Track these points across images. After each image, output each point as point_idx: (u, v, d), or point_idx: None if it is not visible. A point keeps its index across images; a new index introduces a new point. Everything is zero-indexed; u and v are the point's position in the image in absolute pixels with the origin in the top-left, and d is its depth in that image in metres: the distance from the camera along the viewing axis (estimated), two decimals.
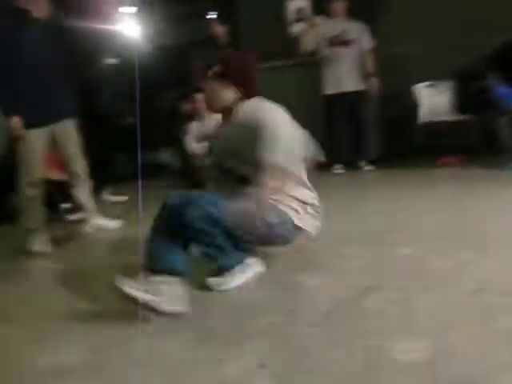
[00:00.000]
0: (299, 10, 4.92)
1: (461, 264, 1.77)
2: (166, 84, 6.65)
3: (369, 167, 4.50)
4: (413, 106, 4.69)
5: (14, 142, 2.82)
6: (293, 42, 4.59)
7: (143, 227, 1.86)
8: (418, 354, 1.17)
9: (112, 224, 3.23)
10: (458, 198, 3.00)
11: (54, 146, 2.95)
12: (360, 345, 1.25)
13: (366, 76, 4.40)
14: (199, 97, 4.50)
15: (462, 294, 1.50)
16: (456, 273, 1.70)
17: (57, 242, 2.93)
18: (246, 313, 1.57)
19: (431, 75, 4.63)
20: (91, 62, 5.20)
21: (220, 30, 5.13)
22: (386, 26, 4.76)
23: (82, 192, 3.09)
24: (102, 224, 3.19)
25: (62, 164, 3.99)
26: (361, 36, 4.38)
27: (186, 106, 4.97)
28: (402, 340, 1.25)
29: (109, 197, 4.34)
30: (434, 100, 4.64)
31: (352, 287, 1.65)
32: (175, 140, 5.02)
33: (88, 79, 5.30)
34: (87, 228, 3.16)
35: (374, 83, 4.40)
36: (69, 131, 2.95)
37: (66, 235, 3.21)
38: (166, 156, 5.84)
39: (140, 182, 4.17)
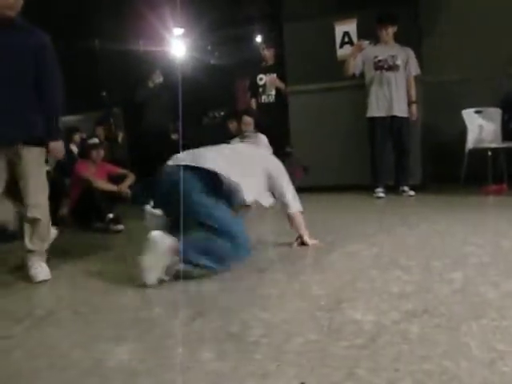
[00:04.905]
0: (346, 34, 4.98)
1: (509, 293, 1.73)
2: (214, 103, 6.86)
3: (410, 192, 4.43)
4: (460, 133, 4.62)
5: None
6: (339, 65, 4.64)
7: None
8: None
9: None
10: (504, 226, 2.92)
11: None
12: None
13: (408, 103, 4.40)
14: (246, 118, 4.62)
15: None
16: (506, 302, 1.66)
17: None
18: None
19: (479, 102, 4.57)
20: (143, 81, 5.44)
21: (266, 53, 5.28)
22: (432, 53, 4.77)
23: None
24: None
25: (112, 176, 4.19)
26: (408, 62, 4.38)
27: (232, 125, 5.10)
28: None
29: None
30: (481, 126, 4.56)
31: (397, 311, 1.65)
32: None
33: (138, 97, 5.55)
34: None
35: (414, 111, 4.40)
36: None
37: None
38: None
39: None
